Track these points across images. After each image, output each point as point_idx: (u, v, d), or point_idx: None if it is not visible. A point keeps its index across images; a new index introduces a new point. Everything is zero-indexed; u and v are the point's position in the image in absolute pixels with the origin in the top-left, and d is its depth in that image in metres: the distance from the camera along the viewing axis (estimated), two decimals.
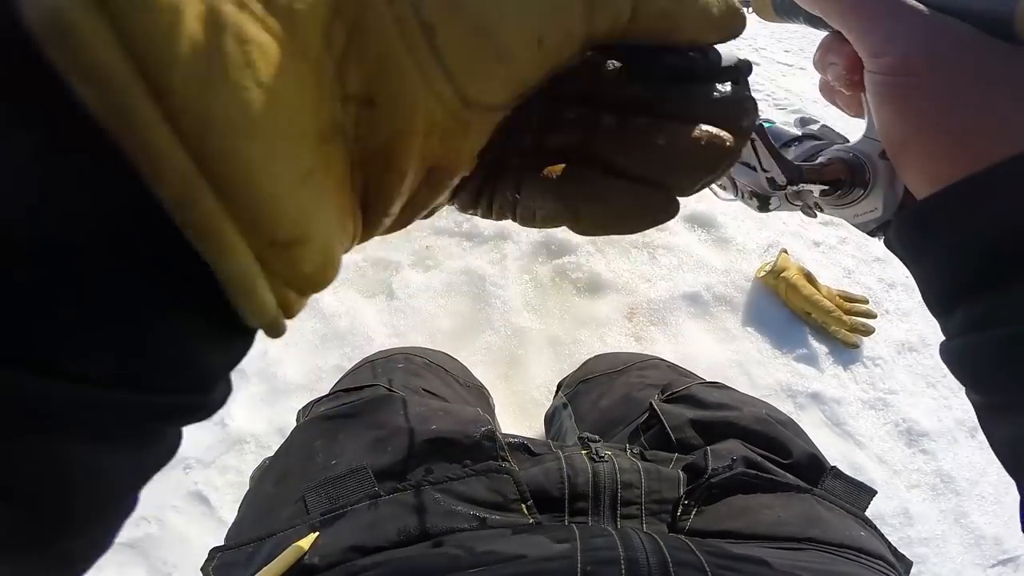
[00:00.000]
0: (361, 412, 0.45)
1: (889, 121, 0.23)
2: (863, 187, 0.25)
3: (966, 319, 0.21)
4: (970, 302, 0.21)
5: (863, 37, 0.22)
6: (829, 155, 0.27)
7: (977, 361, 0.21)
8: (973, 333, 0.21)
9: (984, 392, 0.22)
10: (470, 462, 0.38)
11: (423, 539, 0.33)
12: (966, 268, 0.21)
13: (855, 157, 0.26)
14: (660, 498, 0.37)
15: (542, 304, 1.38)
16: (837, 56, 0.25)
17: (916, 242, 0.23)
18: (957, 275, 0.21)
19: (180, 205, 0.09)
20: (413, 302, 1.39)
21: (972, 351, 0.21)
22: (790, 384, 1.18)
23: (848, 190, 0.26)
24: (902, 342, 1.29)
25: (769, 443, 0.45)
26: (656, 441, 0.47)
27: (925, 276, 0.23)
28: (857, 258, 1.55)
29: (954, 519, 0.98)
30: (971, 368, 0.22)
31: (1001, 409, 0.21)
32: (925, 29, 0.20)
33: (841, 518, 0.38)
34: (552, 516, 0.36)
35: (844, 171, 0.26)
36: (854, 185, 0.26)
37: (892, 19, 0.21)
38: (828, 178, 0.26)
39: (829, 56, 0.26)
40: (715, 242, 1.59)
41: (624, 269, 1.47)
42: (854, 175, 0.26)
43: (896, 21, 0.21)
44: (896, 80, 0.21)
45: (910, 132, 0.22)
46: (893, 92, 0.22)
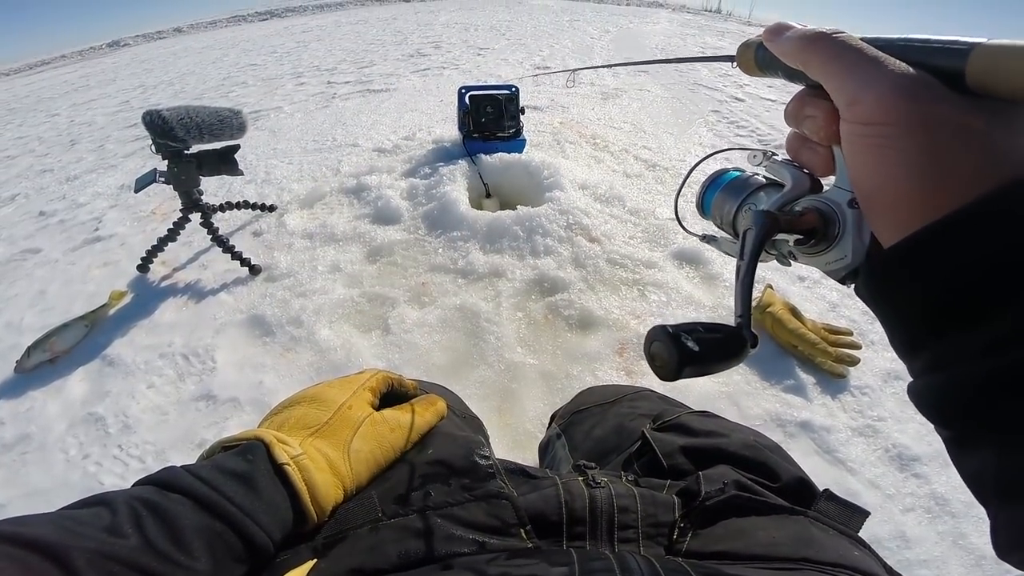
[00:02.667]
0: None
1: (862, 170, 0.23)
2: (834, 237, 0.26)
3: (927, 361, 0.22)
4: (933, 343, 0.22)
5: (841, 87, 0.23)
6: (804, 205, 0.28)
7: (941, 399, 0.22)
8: (934, 373, 0.22)
9: (947, 427, 0.23)
10: (469, 485, 0.39)
11: (423, 563, 0.33)
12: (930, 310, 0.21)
13: (828, 207, 0.27)
14: (656, 522, 0.38)
15: (535, 340, 1.40)
16: (814, 109, 0.26)
17: (881, 289, 0.24)
18: (921, 317, 0.22)
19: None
20: (408, 337, 1.41)
21: (933, 390, 0.22)
22: (779, 414, 1.19)
23: (821, 239, 0.27)
24: (888, 371, 1.32)
25: (758, 468, 0.46)
26: (649, 469, 0.48)
27: (890, 320, 0.24)
28: (841, 292, 1.60)
29: (952, 541, 0.97)
30: (934, 406, 0.23)
31: (964, 443, 0.22)
32: (896, 79, 0.22)
33: (835, 539, 0.38)
34: (550, 541, 0.36)
35: (818, 220, 0.27)
36: (826, 234, 0.27)
37: (867, 69, 0.22)
38: (804, 227, 0.27)
39: (806, 109, 0.27)
40: (703, 279, 1.63)
41: (615, 306, 1.50)
42: (827, 225, 0.27)
43: (870, 71, 0.22)
44: (870, 130, 0.22)
45: (880, 181, 0.22)
46: (867, 141, 0.22)
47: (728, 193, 0.33)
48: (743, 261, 0.28)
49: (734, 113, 3.35)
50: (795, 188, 0.29)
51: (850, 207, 0.26)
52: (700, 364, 0.25)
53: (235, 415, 1.23)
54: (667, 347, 0.25)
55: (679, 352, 0.25)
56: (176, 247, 1.82)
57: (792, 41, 0.26)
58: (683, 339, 0.25)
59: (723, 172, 0.35)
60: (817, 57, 0.24)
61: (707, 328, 0.26)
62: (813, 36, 0.25)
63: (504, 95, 2.17)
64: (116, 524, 0.28)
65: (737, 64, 0.33)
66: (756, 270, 0.28)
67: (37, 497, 1.09)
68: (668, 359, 0.25)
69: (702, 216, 0.37)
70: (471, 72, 4.41)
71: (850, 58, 0.23)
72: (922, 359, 0.23)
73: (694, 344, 0.25)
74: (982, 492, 0.22)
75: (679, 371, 0.25)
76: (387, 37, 6.50)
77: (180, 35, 10.57)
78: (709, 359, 0.25)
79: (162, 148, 1.50)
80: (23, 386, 1.38)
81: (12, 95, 6.31)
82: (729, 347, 0.26)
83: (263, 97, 4.08)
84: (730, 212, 0.33)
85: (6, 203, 2.69)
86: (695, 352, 0.25)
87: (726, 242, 0.35)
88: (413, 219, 1.91)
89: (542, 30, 6.63)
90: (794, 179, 0.29)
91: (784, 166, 0.30)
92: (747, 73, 0.32)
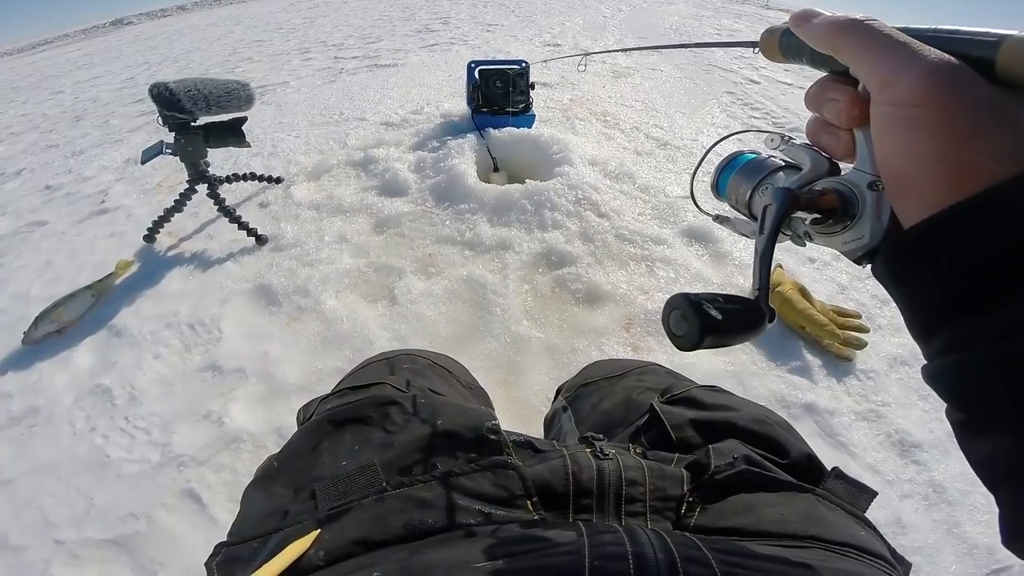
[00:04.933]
0: (368, 412, 0.45)
1: (892, 150, 0.24)
2: (852, 217, 0.27)
3: (949, 340, 0.22)
4: (952, 323, 0.22)
5: (873, 70, 0.24)
6: (823, 185, 0.28)
7: (958, 379, 0.22)
8: (956, 352, 0.22)
9: (964, 409, 0.23)
10: (476, 457, 0.39)
11: (429, 534, 0.33)
12: (951, 290, 0.21)
13: (847, 188, 0.27)
14: (664, 495, 0.37)
15: (541, 313, 1.39)
16: (837, 93, 0.26)
17: (903, 267, 0.24)
18: (942, 297, 0.22)
19: None
20: (415, 308, 1.40)
21: (954, 369, 0.22)
22: (784, 395, 1.18)
23: (839, 219, 0.27)
24: (894, 356, 1.30)
25: (767, 443, 0.45)
26: (657, 442, 0.48)
27: (909, 300, 0.24)
28: (851, 274, 1.57)
29: (947, 529, 0.97)
30: (952, 386, 0.23)
31: (979, 426, 0.22)
32: (932, 64, 0.22)
33: (842, 518, 0.38)
34: (557, 513, 0.36)
35: (837, 201, 0.27)
36: (845, 215, 0.27)
37: (901, 54, 0.23)
38: (823, 207, 0.27)
39: (828, 93, 0.27)
40: (712, 256, 1.61)
41: (622, 281, 1.49)
42: (846, 205, 0.27)
43: (905, 56, 0.22)
44: (904, 111, 0.22)
45: (912, 162, 0.22)
46: (900, 123, 0.23)
47: (744, 175, 0.33)
48: (762, 236, 0.28)
49: (749, 95, 3.28)
50: (814, 170, 0.29)
51: (870, 189, 0.26)
52: (721, 334, 0.25)
53: (241, 386, 1.24)
54: (689, 315, 0.25)
55: (701, 320, 0.24)
56: (182, 218, 1.82)
57: (822, 26, 0.26)
58: (705, 307, 0.25)
59: (739, 154, 0.35)
60: (848, 42, 0.25)
61: (726, 299, 0.26)
62: (845, 22, 0.25)
63: (514, 70, 2.13)
64: None
65: (760, 50, 0.33)
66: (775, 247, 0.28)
67: (45, 471, 1.10)
68: (690, 327, 0.25)
69: (717, 197, 0.37)
70: (480, 48, 4.34)
71: (883, 43, 0.23)
72: (939, 340, 0.23)
73: (717, 312, 0.25)
74: (992, 478, 0.22)
75: (700, 340, 0.24)
76: (395, 13, 6.39)
77: (184, 12, 10.46)
78: (730, 329, 0.25)
79: (169, 120, 1.49)
80: (31, 357, 1.39)
81: (16, 74, 6.29)
82: (748, 319, 0.26)
83: (269, 72, 4.04)
84: (746, 193, 0.33)
85: (12, 178, 2.69)
86: (718, 321, 0.25)
87: (740, 223, 0.35)
88: (420, 191, 1.89)
89: (552, 7, 6.49)
90: (813, 161, 0.29)
91: (803, 149, 0.30)
92: (770, 59, 0.32)
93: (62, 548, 0.96)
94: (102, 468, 1.09)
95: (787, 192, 0.28)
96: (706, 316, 0.24)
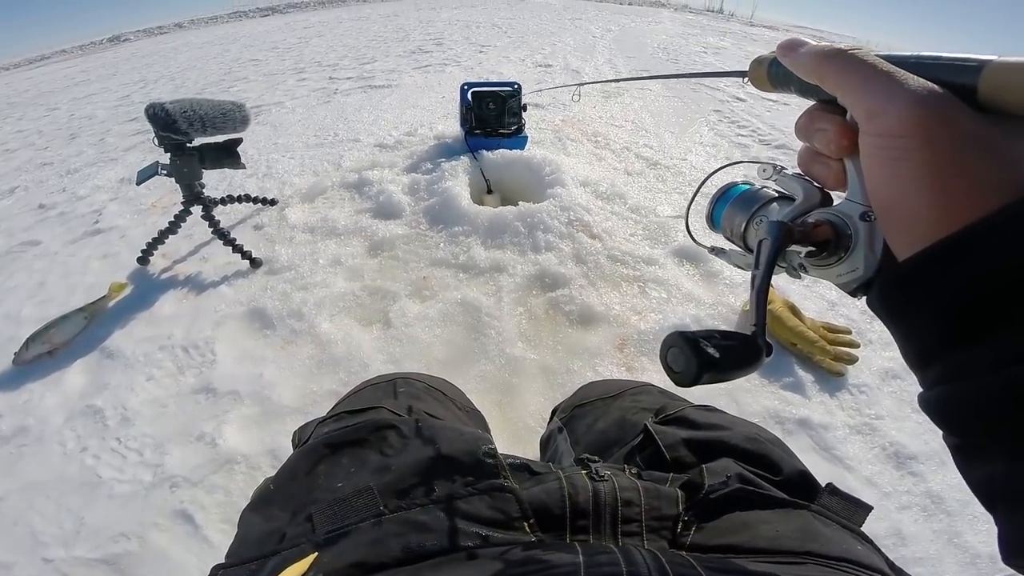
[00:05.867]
0: (365, 436, 0.45)
1: (880, 182, 0.24)
2: (846, 249, 0.27)
3: (944, 370, 0.22)
4: (947, 355, 0.22)
5: (859, 100, 0.24)
6: (816, 217, 0.28)
7: (953, 409, 0.22)
8: (951, 383, 0.22)
9: (959, 436, 0.23)
10: (473, 480, 0.39)
11: (427, 556, 0.33)
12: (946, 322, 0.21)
13: (840, 219, 0.27)
14: (660, 515, 0.37)
15: (536, 335, 1.40)
16: (825, 123, 0.27)
17: (896, 302, 0.24)
18: (936, 329, 0.22)
19: None
20: (409, 331, 1.41)
21: (949, 399, 0.22)
22: (778, 411, 1.20)
23: (833, 251, 0.27)
24: (886, 370, 1.32)
25: (760, 461, 0.45)
26: (651, 462, 0.48)
27: (905, 332, 0.24)
28: (840, 291, 1.59)
29: (947, 539, 0.98)
30: (947, 415, 0.23)
31: (974, 452, 0.22)
32: (917, 95, 0.22)
33: (839, 533, 0.38)
34: (554, 535, 0.36)
35: (831, 233, 0.27)
36: (839, 246, 0.27)
37: (885, 84, 0.23)
38: (817, 239, 0.27)
39: (817, 123, 0.27)
40: (703, 276, 1.64)
41: (615, 302, 1.50)
42: (839, 237, 0.27)
43: (889, 86, 0.23)
44: (889, 142, 0.22)
45: (901, 194, 0.22)
46: (888, 154, 0.23)
47: (738, 206, 0.34)
48: (758, 271, 0.28)
49: (735, 113, 3.36)
50: (806, 201, 0.29)
51: (862, 220, 0.26)
52: (718, 371, 0.25)
53: (235, 408, 1.23)
54: (686, 353, 0.24)
55: (699, 358, 0.24)
56: (177, 240, 1.82)
57: (808, 56, 0.26)
58: (703, 345, 0.24)
59: (733, 185, 0.35)
60: (834, 71, 0.25)
61: (723, 335, 0.26)
62: (830, 52, 0.25)
63: (506, 92, 2.17)
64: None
65: (749, 80, 0.33)
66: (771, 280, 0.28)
67: (34, 490, 1.09)
68: (687, 365, 0.24)
69: (712, 229, 0.37)
70: (473, 69, 4.41)
71: (868, 72, 0.24)
72: (935, 370, 0.23)
73: (714, 351, 0.24)
74: (989, 498, 0.23)
75: (698, 377, 0.24)
76: (389, 33, 6.48)
77: (181, 30, 10.54)
78: (728, 366, 0.25)
79: (165, 141, 1.50)
80: (21, 378, 1.37)
81: (12, 89, 6.28)
82: (746, 355, 0.26)
83: (264, 92, 4.07)
84: (740, 225, 0.33)
85: (5, 196, 2.68)
86: (715, 359, 0.24)
87: (735, 254, 0.35)
88: (415, 214, 1.91)
89: (544, 28, 6.62)
90: (805, 192, 0.30)
91: (795, 179, 0.30)
92: (759, 89, 0.33)
93: (50, 566, 0.94)
94: (93, 488, 1.08)
95: (781, 226, 0.28)
96: (703, 354, 0.24)
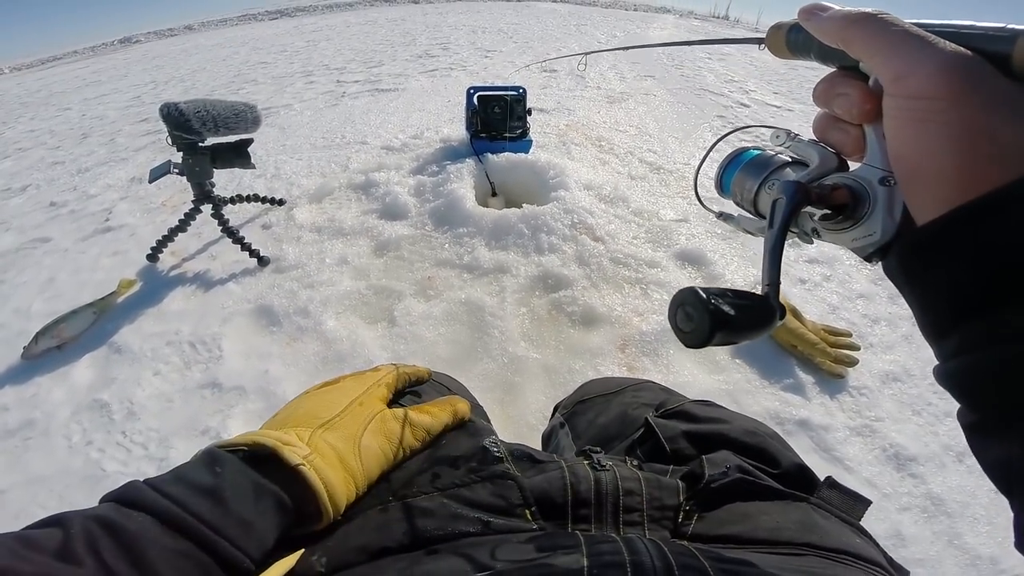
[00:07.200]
0: None
1: (905, 144, 0.23)
2: (863, 213, 0.26)
3: (963, 340, 0.22)
4: (967, 323, 0.21)
5: (886, 63, 0.23)
6: (834, 180, 0.28)
7: (973, 381, 0.22)
8: (971, 353, 0.21)
9: (978, 410, 0.22)
10: (476, 468, 0.40)
11: (429, 541, 0.33)
12: (967, 288, 0.21)
13: (858, 184, 0.26)
14: (661, 505, 0.38)
15: (538, 335, 1.41)
16: (847, 87, 0.26)
17: (916, 266, 0.23)
18: (958, 296, 0.21)
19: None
20: (414, 329, 1.42)
21: (968, 371, 0.22)
22: (778, 412, 1.20)
23: (849, 215, 0.27)
24: (887, 373, 1.33)
25: (759, 454, 0.46)
26: (652, 454, 0.49)
27: (923, 298, 0.24)
28: (841, 295, 1.61)
29: (948, 540, 0.98)
30: (966, 388, 0.22)
31: (993, 429, 0.22)
32: (948, 57, 0.21)
33: (837, 526, 0.38)
34: (555, 523, 0.36)
35: (848, 197, 0.26)
36: (856, 211, 0.26)
37: (916, 47, 0.22)
38: (834, 202, 0.27)
39: (838, 88, 0.27)
40: (705, 279, 1.65)
41: (617, 304, 1.52)
42: (857, 201, 0.26)
43: (920, 49, 0.22)
44: (917, 103, 0.22)
45: (927, 156, 0.22)
46: (914, 116, 0.22)
47: (749, 171, 0.33)
48: (772, 230, 0.27)
49: (739, 118, 3.38)
50: (822, 165, 0.29)
51: (881, 184, 0.25)
52: (732, 331, 0.23)
53: (240, 403, 1.25)
54: (698, 310, 0.23)
55: (712, 316, 0.23)
56: (186, 238, 1.84)
57: (833, 20, 0.26)
58: (716, 302, 0.23)
59: (743, 150, 0.34)
60: (861, 35, 0.24)
61: (736, 294, 0.25)
62: (857, 15, 0.25)
63: (512, 96, 2.19)
64: (68, 548, 0.26)
65: (766, 46, 0.32)
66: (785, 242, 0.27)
67: (38, 483, 1.10)
68: (699, 323, 0.23)
69: (720, 195, 0.36)
70: (479, 74, 4.44)
71: (897, 36, 0.23)
72: (954, 340, 0.22)
73: (729, 308, 0.23)
74: (1006, 481, 0.22)
75: (710, 336, 0.23)
76: (396, 38, 6.54)
77: (191, 32, 10.65)
78: (741, 326, 0.24)
79: (177, 140, 1.53)
80: (30, 372, 1.39)
81: (25, 89, 6.36)
82: (760, 316, 0.25)
83: (273, 94, 4.12)
84: (751, 190, 0.32)
85: (17, 193, 2.71)
86: (730, 316, 0.23)
87: (745, 220, 0.34)
88: (420, 215, 1.93)
89: (549, 33, 6.67)
90: (821, 157, 0.29)
91: (810, 145, 0.30)
92: (777, 55, 0.32)
93: None
94: (97, 481, 1.09)
95: (798, 185, 0.27)
96: (718, 312, 0.23)
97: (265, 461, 0.35)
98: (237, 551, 0.30)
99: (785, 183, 0.28)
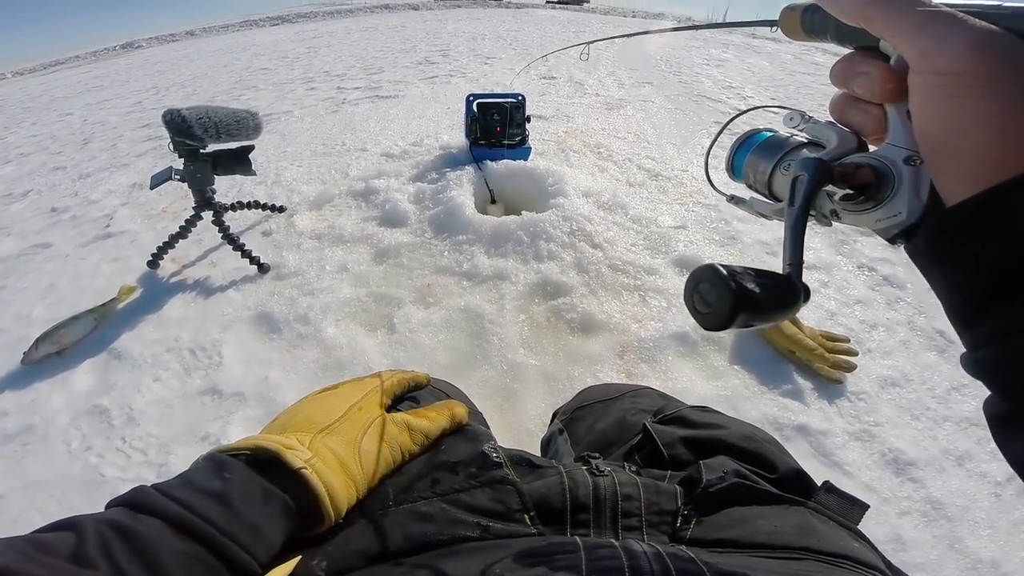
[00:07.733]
0: None
1: (935, 120, 0.22)
2: (887, 193, 0.25)
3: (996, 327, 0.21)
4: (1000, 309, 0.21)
5: (912, 39, 0.23)
6: (857, 160, 0.27)
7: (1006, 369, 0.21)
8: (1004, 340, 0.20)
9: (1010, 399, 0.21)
10: (476, 473, 0.40)
11: (428, 546, 0.33)
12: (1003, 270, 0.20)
13: (882, 164, 0.25)
14: (659, 510, 0.38)
15: (537, 342, 1.42)
16: (868, 66, 0.26)
17: (946, 248, 0.23)
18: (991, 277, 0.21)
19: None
20: (413, 336, 1.43)
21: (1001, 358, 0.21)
22: (777, 417, 1.21)
23: (872, 195, 0.26)
24: (885, 378, 1.34)
25: (757, 459, 0.46)
26: (650, 460, 0.49)
27: (953, 280, 0.23)
28: (839, 301, 1.62)
29: (948, 544, 0.98)
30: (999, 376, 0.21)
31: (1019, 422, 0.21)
32: (977, 32, 0.21)
33: (835, 530, 0.38)
34: (554, 528, 0.36)
35: (872, 176, 0.26)
36: (880, 190, 0.25)
37: (943, 23, 0.22)
38: (858, 181, 0.26)
39: (858, 67, 0.26)
40: None
41: (616, 310, 1.52)
42: (881, 180, 0.25)
43: (948, 25, 0.22)
44: (946, 79, 0.21)
45: (958, 131, 0.21)
46: (944, 91, 0.22)
47: (762, 153, 0.32)
48: (793, 208, 0.26)
49: (737, 124, 3.36)
50: (841, 145, 0.28)
51: (907, 164, 0.25)
52: (756, 311, 0.22)
53: (240, 409, 1.25)
54: (719, 288, 0.22)
55: (734, 294, 0.21)
56: (186, 244, 1.85)
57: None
58: (740, 279, 0.22)
59: (755, 132, 0.33)
60: (884, 12, 0.24)
61: (758, 273, 0.23)
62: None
63: (511, 103, 2.21)
64: (82, 551, 0.26)
65: (780, 28, 0.32)
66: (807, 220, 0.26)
67: (36, 488, 1.10)
68: (720, 302, 0.22)
69: (732, 178, 0.35)
70: (478, 81, 4.47)
71: (924, 13, 0.23)
72: (985, 327, 0.22)
73: (754, 286, 0.22)
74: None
75: (732, 316, 0.21)
76: (396, 44, 6.57)
77: (193, 38, 10.69)
78: (766, 306, 0.22)
79: (179, 146, 1.54)
80: (29, 377, 1.40)
81: (27, 94, 6.38)
82: (785, 296, 0.24)
83: (274, 101, 4.13)
84: (765, 172, 0.31)
85: (19, 199, 2.72)
86: (755, 295, 0.22)
87: (758, 203, 0.33)
88: (420, 222, 1.94)
89: (548, 41, 6.70)
90: (840, 137, 0.28)
91: (827, 126, 0.29)
92: (790, 37, 0.31)
93: None
94: (96, 487, 1.09)
95: (820, 162, 0.26)
96: (742, 290, 0.21)
97: (267, 465, 0.35)
98: (246, 555, 0.30)
99: (805, 160, 0.27)
